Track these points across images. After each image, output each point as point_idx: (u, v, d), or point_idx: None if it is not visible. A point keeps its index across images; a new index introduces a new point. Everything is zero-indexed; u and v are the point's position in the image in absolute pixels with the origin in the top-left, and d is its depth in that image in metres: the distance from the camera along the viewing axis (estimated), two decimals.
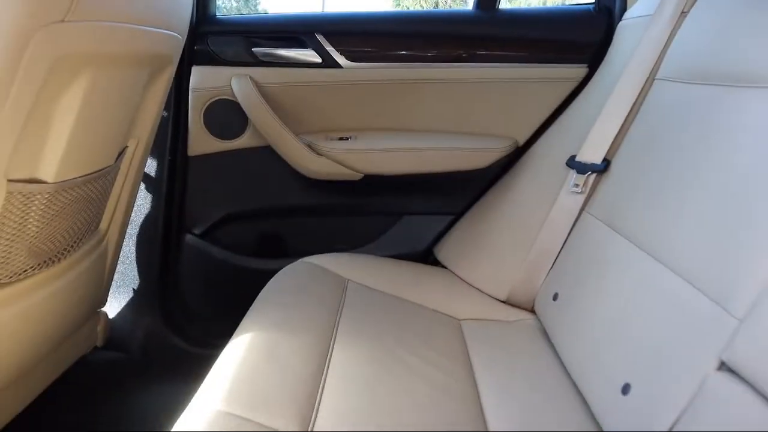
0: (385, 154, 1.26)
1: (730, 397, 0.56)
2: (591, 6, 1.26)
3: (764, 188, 0.63)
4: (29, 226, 0.79)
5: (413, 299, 1.08)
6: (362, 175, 1.27)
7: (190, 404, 0.66)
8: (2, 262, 0.78)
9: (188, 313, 1.38)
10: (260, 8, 12.84)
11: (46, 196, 0.79)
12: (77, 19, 0.65)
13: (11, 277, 0.81)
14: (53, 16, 0.61)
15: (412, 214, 1.36)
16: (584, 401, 0.79)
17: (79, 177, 0.85)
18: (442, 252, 1.32)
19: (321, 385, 0.75)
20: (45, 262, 0.88)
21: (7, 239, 0.76)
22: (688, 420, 0.60)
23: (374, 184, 1.30)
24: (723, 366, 0.59)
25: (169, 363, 1.35)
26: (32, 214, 0.78)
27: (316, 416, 0.69)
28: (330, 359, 0.81)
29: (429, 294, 1.10)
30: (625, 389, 0.71)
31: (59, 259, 0.92)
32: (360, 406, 0.73)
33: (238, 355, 0.77)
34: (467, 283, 1.19)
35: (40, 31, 0.61)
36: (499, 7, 1.27)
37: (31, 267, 0.85)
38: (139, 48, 0.82)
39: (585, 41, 1.23)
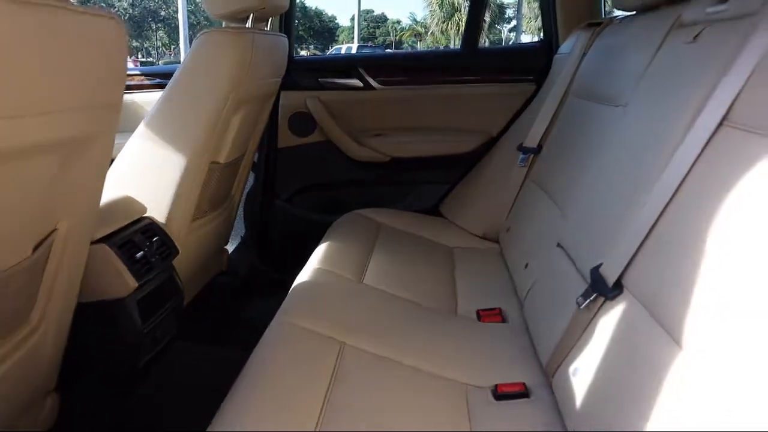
0: (404, 144, 1.93)
1: (557, 262, 1.18)
2: (537, 43, 1.89)
3: (592, 161, 1.24)
4: (211, 186, 1.49)
5: (424, 235, 1.74)
6: (390, 158, 1.94)
7: (304, 267, 1.35)
8: (197, 206, 1.47)
9: (277, 252, 2.08)
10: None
11: (219, 170, 1.49)
12: (244, 84, 1.33)
13: (200, 215, 1.51)
14: (235, 85, 1.30)
15: (424, 183, 2.03)
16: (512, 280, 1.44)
17: (231, 161, 1.54)
18: (444, 208, 1.97)
19: (366, 266, 1.42)
20: (211, 208, 1.58)
21: (200, 192, 1.46)
22: (541, 276, 1.23)
23: (398, 164, 1.97)
24: (558, 245, 1.22)
25: (263, 285, 2.03)
26: (213, 179, 1.48)
27: (364, 276, 1.36)
28: (370, 257, 1.48)
29: (434, 232, 1.76)
30: (526, 266, 1.35)
31: (216, 209, 1.62)
32: (387, 278, 1.39)
33: (319, 254, 1.45)
34: (458, 226, 1.84)
35: (232, 93, 1.30)
36: (479, 46, 1.91)
37: (207, 210, 1.55)
38: (268, 90, 1.52)
39: (533, 67, 1.86)
